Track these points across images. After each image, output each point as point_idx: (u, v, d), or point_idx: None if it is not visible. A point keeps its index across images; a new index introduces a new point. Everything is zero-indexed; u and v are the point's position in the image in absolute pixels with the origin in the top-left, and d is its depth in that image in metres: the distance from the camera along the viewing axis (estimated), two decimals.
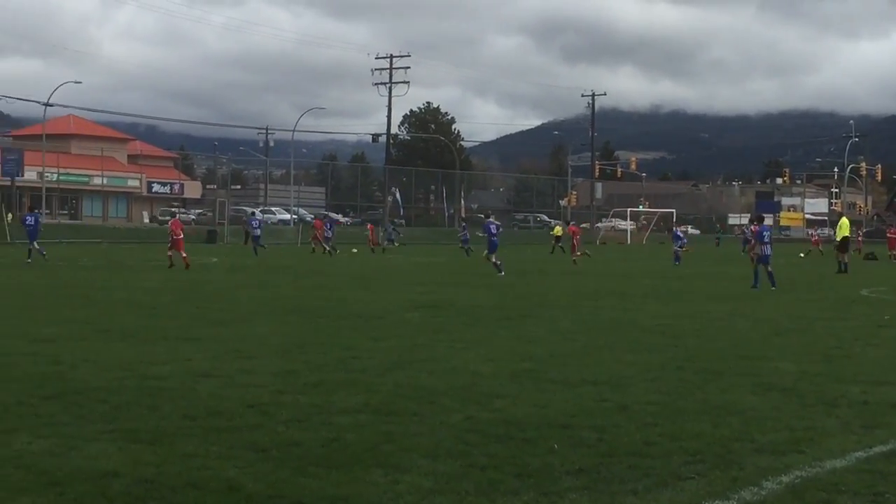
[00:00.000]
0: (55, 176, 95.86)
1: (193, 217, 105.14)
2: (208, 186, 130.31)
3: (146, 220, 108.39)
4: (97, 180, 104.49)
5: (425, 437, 9.96)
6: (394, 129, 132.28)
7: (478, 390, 12.72)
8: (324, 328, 19.82)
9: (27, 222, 48.05)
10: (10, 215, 75.17)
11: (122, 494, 8.00)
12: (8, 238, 69.75)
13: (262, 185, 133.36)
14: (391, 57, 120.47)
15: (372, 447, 9.41)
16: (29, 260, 45.19)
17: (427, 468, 8.77)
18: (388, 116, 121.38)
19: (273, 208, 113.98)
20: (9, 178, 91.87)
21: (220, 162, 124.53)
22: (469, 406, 11.61)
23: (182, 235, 44.28)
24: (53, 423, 10.37)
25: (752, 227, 36.22)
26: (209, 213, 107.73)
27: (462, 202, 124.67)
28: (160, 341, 17.27)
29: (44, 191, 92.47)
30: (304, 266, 46.93)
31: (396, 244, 69.96)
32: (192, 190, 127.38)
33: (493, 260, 41.26)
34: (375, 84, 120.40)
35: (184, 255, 42.98)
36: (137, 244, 75.20)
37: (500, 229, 44.69)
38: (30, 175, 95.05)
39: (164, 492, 8.06)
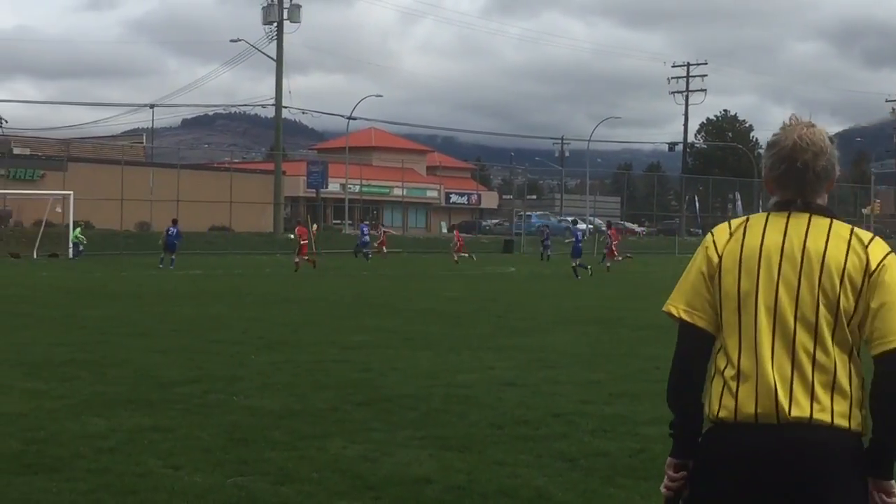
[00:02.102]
0: (357, 187, 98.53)
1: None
2: (504, 197, 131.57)
3: (444, 231, 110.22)
4: (397, 191, 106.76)
5: None
6: (690, 138, 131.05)
7: None
8: (625, 338, 19.77)
9: (169, 233, 51.06)
10: (315, 226, 77.68)
11: (434, 500, 8.17)
12: (314, 248, 72.09)
13: (557, 195, 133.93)
14: (688, 65, 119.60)
15: None
16: (162, 266, 48.55)
17: None
18: (685, 125, 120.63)
19: (568, 218, 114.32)
20: (314, 190, 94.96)
21: (516, 172, 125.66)
22: None
23: (307, 241, 48.53)
24: (366, 429, 10.66)
25: None
26: (506, 224, 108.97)
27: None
28: (464, 350, 17.55)
29: (346, 202, 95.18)
30: (597, 275, 46.84)
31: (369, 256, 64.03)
32: (489, 200, 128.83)
33: (574, 264, 44.84)
34: (672, 93, 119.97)
35: (306, 258, 47.11)
36: (436, 254, 76.54)
37: (586, 235, 47.70)
38: (333, 187, 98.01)
39: (476, 499, 8.19)
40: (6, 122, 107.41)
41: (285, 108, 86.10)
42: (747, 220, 4.04)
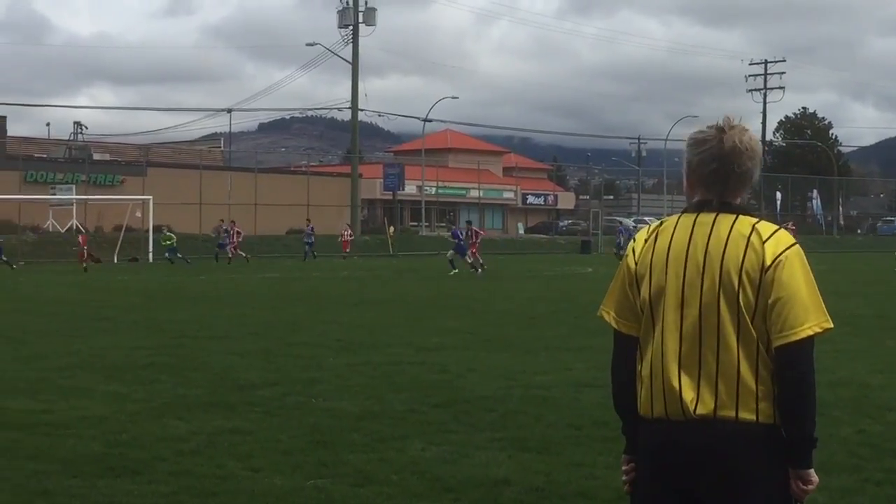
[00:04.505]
0: (433, 189, 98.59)
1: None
2: (581, 197, 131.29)
3: (521, 232, 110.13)
4: (473, 193, 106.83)
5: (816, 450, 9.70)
6: (769, 136, 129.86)
7: (868, 402, 12.31)
8: None
9: None
10: (391, 228, 77.92)
11: (513, 502, 8.17)
12: (391, 250, 72.32)
13: (634, 195, 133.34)
14: (765, 62, 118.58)
15: None
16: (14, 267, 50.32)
17: (820, 483, 8.53)
18: (763, 123, 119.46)
19: (646, 218, 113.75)
20: (391, 192, 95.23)
21: (593, 173, 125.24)
22: (860, 419, 11.25)
23: (84, 248, 51.92)
24: (444, 431, 10.67)
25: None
26: (583, 224, 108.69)
27: (839, 209, 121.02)
28: (541, 351, 17.51)
29: (423, 204, 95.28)
30: None
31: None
32: (566, 201, 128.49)
33: (469, 261, 46.70)
34: (749, 90, 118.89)
35: (84, 264, 49.95)
36: (513, 255, 76.50)
37: (464, 234, 49.50)
38: (410, 189, 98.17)
39: (555, 500, 8.17)
40: (86, 128, 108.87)
41: (361, 110, 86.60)
42: (661, 224, 4.20)
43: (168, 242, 59.44)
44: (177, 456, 9.56)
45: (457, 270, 45.62)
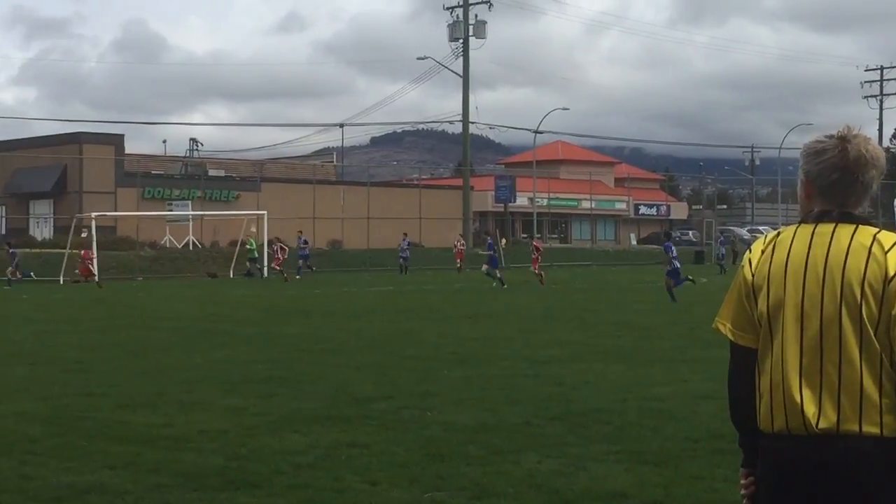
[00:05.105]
0: (545, 201, 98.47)
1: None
2: (694, 207, 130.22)
3: (633, 242, 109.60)
4: (585, 204, 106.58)
5: None
6: (885, 143, 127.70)
7: None
8: None
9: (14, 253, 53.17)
10: (504, 240, 77.92)
11: None
12: (502, 263, 72.21)
13: (748, 205, 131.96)
14: (881, 68, 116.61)
15: None
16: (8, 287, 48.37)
17: None
18: (879, 130, 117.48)
19: (761, 227, 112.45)
20: (502, 204, 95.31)
21: (706, 182, 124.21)
22: None
23: (86, 262, 52.99)
24: (560, 444, 10.64)
25: None
26: (692, 233, 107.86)
27: None
28: (657, 363, 17.40)
29: (535, 216, 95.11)
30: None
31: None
32: (679, 211, 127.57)
33: (497, 275, 45.91)
34: (865, 97, 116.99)
35: (79, 276, 51.37)
36: (626, 266, 76.18)
37: (494, 246, 49.59)
38: (521, 201, 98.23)
39: None
40: (202, 144, 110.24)
41: (472, 123, 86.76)
42: (778, 234, 4.11)
43: (249, 247, 60.36)
44: (295, 469, 9.65)
45: (502, 284, 45.60)
